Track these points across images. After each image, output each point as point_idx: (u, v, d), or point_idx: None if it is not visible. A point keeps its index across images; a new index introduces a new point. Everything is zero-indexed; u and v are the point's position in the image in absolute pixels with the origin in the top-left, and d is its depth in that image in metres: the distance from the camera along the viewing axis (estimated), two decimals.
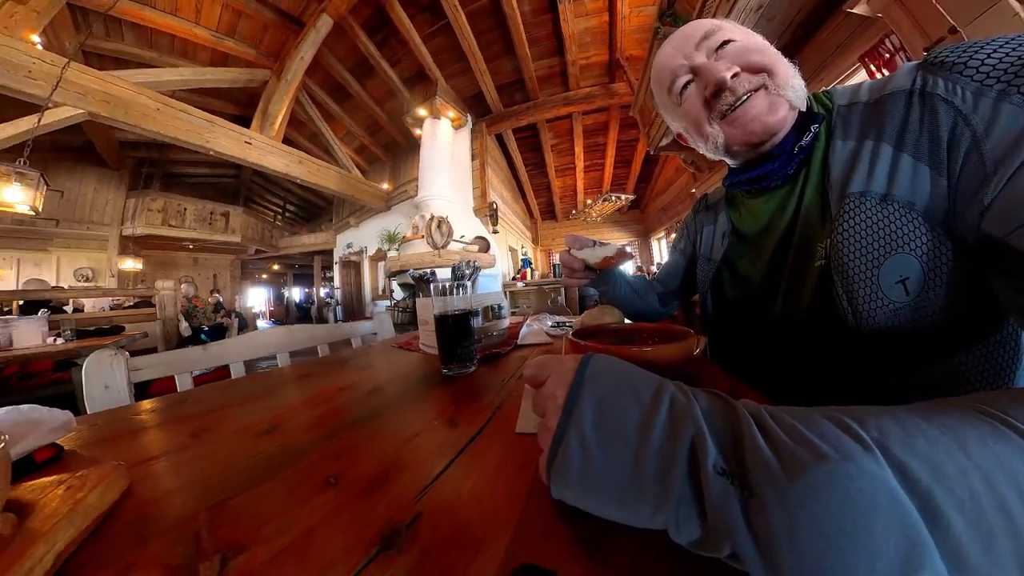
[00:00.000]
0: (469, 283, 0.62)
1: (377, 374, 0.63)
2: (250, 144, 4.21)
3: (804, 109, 0.45)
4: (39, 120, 2.97)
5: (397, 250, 4.55)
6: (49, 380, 2.35)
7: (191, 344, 4.12)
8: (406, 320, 3.85)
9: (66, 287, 5.51)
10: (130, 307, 4.61)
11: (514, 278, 5.83)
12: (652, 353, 0.34)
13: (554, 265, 7.32)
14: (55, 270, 6.73)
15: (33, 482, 0.28)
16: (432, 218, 3.89)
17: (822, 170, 0.44)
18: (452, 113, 4.96)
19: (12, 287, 5.95)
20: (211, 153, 3.90)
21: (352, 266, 7.94)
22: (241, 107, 5.71)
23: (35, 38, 3.11)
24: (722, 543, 0.16)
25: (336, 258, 8.48)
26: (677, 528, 0.17)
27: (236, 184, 9.63)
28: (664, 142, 3.42)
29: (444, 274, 3.60)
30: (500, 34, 4.36)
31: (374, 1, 4.09)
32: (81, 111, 3.11)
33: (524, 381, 0.34)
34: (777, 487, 0.15)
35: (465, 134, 5.36)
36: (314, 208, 11.02)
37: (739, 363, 0.56)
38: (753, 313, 0.52)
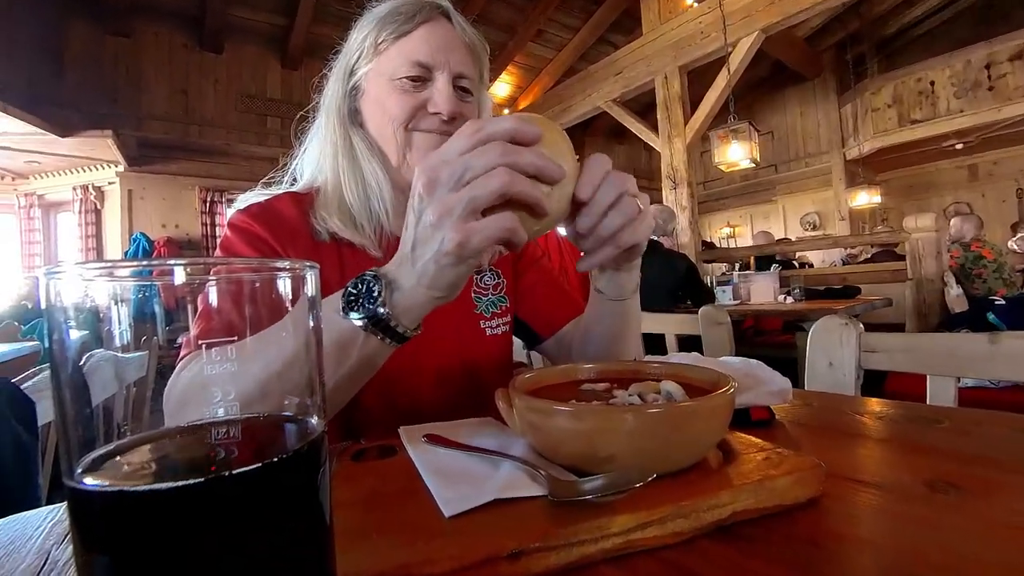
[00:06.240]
0: None
1: None
2: None
3: None
4: (729, 69, 4.89)
5: None
6: (777, 340, 3.67)
7: (967, 327, 3.60)
8: None
9: (793, 239, 7.88)
10: (866, 260, 5.66)
11: None
12: None
13: None
14: (782, 220, 10.30)
15: (743, 436, 0.50)
16: None
17: None
18: None
19: (747, 243, 9.45)
20: None
21: None
22: None
23: (689, 0, 5.23)
24: None
25: None
26: None
27: None
28: None
29: None
30: None
31: None
32: (754, 32, 4.84)
33: None
34: None
35: None
36: None
37: None
38: None
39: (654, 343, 2.05)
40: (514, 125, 0.47)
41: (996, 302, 4.08)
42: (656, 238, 3.48)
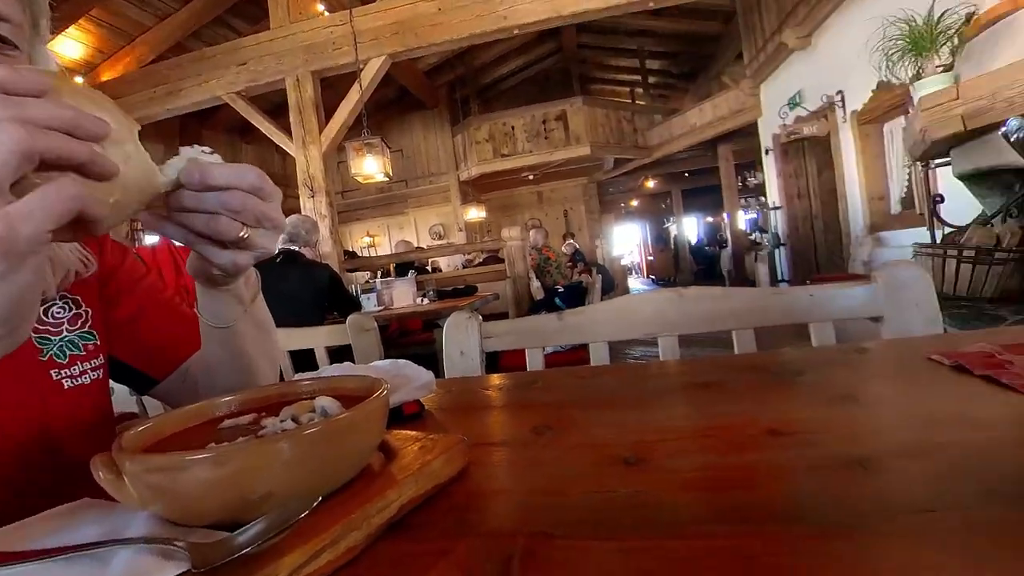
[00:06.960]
0: None
1: (876, 419, 0.51)
2: None
3: None
4: (361, 85, 5.17)
5: (950, 69, 3.11)
6: (420, 339, 4.19)
7: (544, 310, 5.45)
8: (985, 290, 2.32)
9: (425, 247, 9.22)
10: (479, 264, 7.02)
11: None
12: None
13: None
14: (414, 230, 11.67)
15: (399, 432, 0.52)
16: None
17: None
18: None
19: (387, 251, 10.42)
20: (515, 33, 4.97)
21: (809, 150, 6.42)
22: None
23: (320, 7, 5.70)
24: None
25: (767, 140, 7.40)
26: None
27: (563, 63, 11.72)
28: None
29: None
30: None
31: None
32: (382, 56, 5.21)
33: None
34: None
35: None
36: (696, 50, 10.52)
37: None
38: None
39: (304, 359, 1.96)
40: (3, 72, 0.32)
41: (559, 290, 6.29)
42: (297, 249, 3.35)
